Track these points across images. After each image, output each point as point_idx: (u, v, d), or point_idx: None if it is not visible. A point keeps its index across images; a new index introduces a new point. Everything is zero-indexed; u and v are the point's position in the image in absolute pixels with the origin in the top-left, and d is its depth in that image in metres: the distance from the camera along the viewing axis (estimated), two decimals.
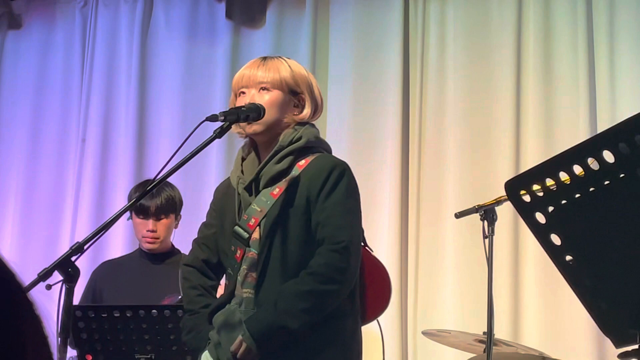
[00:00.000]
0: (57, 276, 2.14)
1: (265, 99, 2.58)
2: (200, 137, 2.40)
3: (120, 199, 4.97)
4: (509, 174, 4.07)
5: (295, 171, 2.58)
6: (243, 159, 2.68)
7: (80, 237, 2.33)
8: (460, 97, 4.55)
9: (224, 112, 2.47)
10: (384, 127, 4.67)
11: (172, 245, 3.89)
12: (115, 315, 3.10)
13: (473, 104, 4.53)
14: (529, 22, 4.50)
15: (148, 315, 3.08)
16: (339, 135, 4.64)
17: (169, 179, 2.59)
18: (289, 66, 2.64)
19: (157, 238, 3.79)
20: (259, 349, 2.44)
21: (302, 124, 2.64)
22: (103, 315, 3.11)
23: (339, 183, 2.54)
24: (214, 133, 2.42)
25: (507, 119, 4.43)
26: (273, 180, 2.58)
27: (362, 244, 2.65)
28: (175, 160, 2.34)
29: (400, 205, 4.53)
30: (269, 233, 2.53)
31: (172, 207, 3.80)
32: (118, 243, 4.97)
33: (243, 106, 2.54)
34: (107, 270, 3.92)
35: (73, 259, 2.16)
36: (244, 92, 2.61)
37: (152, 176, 2.38)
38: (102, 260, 4.38)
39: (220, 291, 2.77)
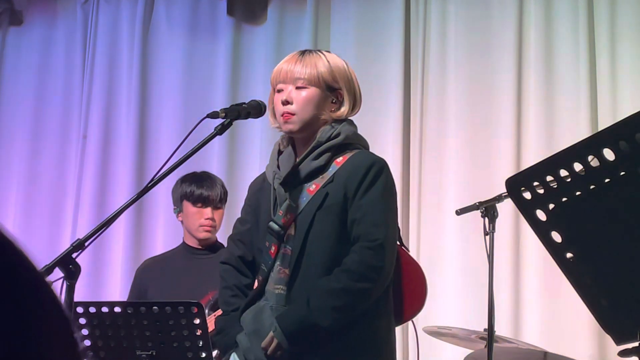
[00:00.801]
0: (58, 273, 2.14)
1: (302, 96, 2.55)
2: (202, 134, 2.40)
3: (121, 196, 4.97)
4: (510, 171, 4.07)
5: (333, 168, 2.56)
6: (280, 153, 2.66)
7: (81, 234, 2.32)
8: (462, 94, 4.54)
9: (225, 108, 2.46)
10: (385, 124, 4.67)
11: (216, 238, 3.87)
12: (117, 311, 3.10)
13: (474, 101, 4.53)
14: (530, 18, 4.49)
15: (149, 312, 3.08)
16: None
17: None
18: (328, 61, 2.60)
19: (214, 227, 3.77)
20: (290, 346, 2.42)
21: (340, 120, 2.61)
22: (104, 311, 3.12)
23: (377, 180, 2.52)
24: (215, 130, 2.42)
25: (508, 116, 4.43)
26: (310, 177, 2.56)
27: (398, 243, 2.62)
28: (176, 156, 2.34)
29: (401, 202, 4.53)
30: (304, 229, 2.51)
31: (226, 197, 3.81)
32: (119, 240, 4.97)
33: (244, 103, 2.53)
34: (151, 268, 3.87)
35: (74, 255, 2.16)
36: (281, 89, 2.58)
37: (152, 173, 2.37)
38: (103, 258, 4.39)
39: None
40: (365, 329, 2.48)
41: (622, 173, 1.56)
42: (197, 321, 3.03)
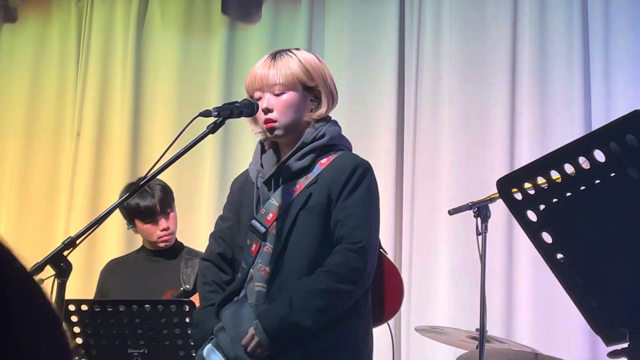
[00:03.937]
0: (49, 271, 2.14)
1: (281, 101, 2.55)
2: (195, 133, 2.40)
3: (114, 194, 4.95)
4: (503, 172, 4.07)
5: (317, 169, 2.57)
6: (262, 151, 2.67)
7: (74, 231, 2.32)
8: (455, 93, 4.55)
9: (217, 107, 2.46)
10: (379, 123, 4.67)
11: (176, 238, 3.87)
12: (109, 309, 3.10)
13: (468, 101, 4.53)
14: (525, 17, 4.50)
15: (141, 310, 3.08)
16: None
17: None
18: (300, 61, 2.59)
19: (172, 234, 3.77)
20: (271, 344, 2.43)
21: (322, 119, 2.61)
22: (96, 309, 3.12)
23: (362, 183, 2.53)
24: (207, 128, 2.42)
25: (502, 117, 4.44)
26: (293, 177, 2.56)
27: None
28: (168, 155, 2.34)
29: (394, 201, 4.54)
30: (286, 228, 2.52)
31: (171, 197, 3.79)
32: (112, 238, 4.96)
33: (237, 101, 2.53)
34: (113, 269, 3.90)
35: (65, 253, 2.16)
36: (259, 97, 2.57)
37: (146, 171, 2.38)
38: (95, 255, 4.39)
39: None
40: (345, 329, 2.49)
41: (613, 174, 1.56)
42: (188, 320, 3.03)
